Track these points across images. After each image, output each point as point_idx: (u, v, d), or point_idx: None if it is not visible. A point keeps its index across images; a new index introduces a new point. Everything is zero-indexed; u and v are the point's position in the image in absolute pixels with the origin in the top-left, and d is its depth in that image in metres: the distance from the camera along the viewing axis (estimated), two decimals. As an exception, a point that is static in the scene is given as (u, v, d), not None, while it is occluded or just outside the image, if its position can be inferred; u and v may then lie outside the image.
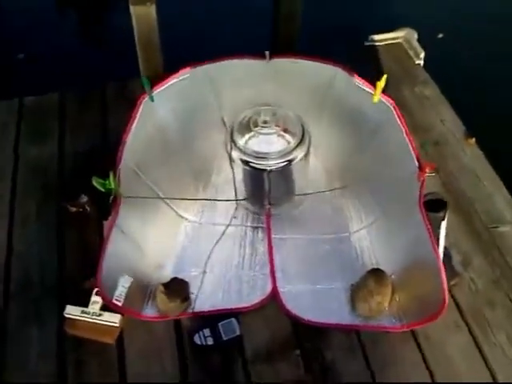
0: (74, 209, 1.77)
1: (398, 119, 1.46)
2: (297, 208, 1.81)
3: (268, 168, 1.63)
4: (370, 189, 1.66)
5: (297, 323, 1.54)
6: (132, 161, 1.50)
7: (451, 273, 1.58)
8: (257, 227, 1.77)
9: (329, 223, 1.77)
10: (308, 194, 1.78)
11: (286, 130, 1.63)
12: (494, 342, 1.51)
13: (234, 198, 1.74)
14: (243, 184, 1.73)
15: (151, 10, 2.01)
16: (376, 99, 1.48)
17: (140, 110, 1.49)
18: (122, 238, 1.45)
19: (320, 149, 1.76)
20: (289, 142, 1.63)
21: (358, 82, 1.50)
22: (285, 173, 1.68)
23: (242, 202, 1.77)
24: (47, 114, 2.14)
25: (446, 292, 1.33)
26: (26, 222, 1.79)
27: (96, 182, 1.33)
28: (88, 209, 1.75)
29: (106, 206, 1.38)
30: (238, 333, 1.53)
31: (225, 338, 1.51)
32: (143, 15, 2.02)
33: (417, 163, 1.41)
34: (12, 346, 1.53)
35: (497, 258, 1.68)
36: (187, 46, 2.77)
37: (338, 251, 1.71)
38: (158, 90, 1.52)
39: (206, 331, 1.53)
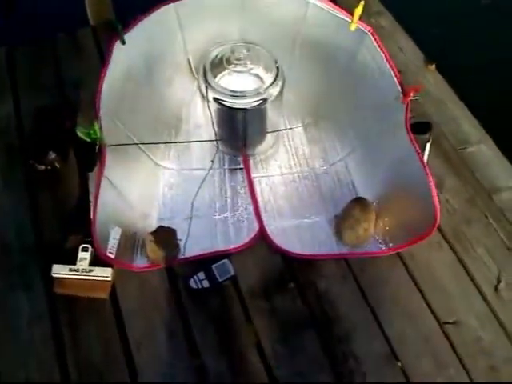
0: (42, 167, 1.70)
1: (377, 45, 1.46)
2: (273, 146, 1.81)
3: (243, 107, 1.60)
4: (347, 119, 1.68)
5: (287, 258, 1.57)
6: (108, 109, 1.44)
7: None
8: (235, 169, 1.77)
9: (305, 158, 1.78)
10: (282, 130, 1.77)
11: (259, 67, 1.60)
12: (475, 256, 1.59)
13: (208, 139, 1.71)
14: (217, 126, 1.70)
15: None
16: (353, 27, 1.48)
17: (112, 55, 1.42)
18: (110, 189, 1.41)
19: (294, 83, 1.74)
20: (263, 80, 1.61)
21: (334, 10, 1.49)
22: (259, 111, 1.66)
23: (218, 144, 1.75)
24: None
25: (439, 209, 1.38)
26: (-7, 187, 1.71)
27: (81, 133, 1.28)
28: (57, 166, 1.69)
29: (90, 157, 1.33)
30: (232, 273, 1.54)
31: (220, 279, 1.52)
32: None
33: (399, 88, 1.43)
34: (1, 315, 1.48)
35: (468, 178, 1.75)
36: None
37: (318, 185, 1.73)
38: (128, 33, 1.45)
39: (201, 275, 1.53)
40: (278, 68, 1.61)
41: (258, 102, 1.61)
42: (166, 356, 1.43)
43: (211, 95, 1.58)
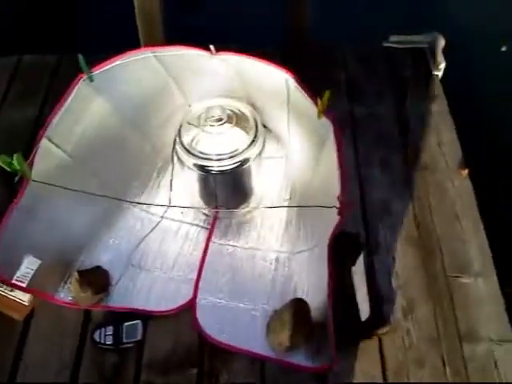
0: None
1: (334, 142, 1.29)
2: (246, 214, 1.69)
3: (214, 170, 1.51)
4: (315, 209, 1.51)
5: (204, 339, 1.46)
6: (65, 145, 1.44)
7: (381, 320, 1.44)
8: (203, 227, 1.68)
9: (275, 237, 1.64)
10: (254, 208, 1.67)
11: (237, 127, 1.50)
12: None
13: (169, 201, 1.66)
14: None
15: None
16: (320, 116, 1.32)
17: (75, 90, 1.41)
18: (28, 219, 1.41)
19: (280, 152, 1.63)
20: (240, 142, 1.51)
21: (304, 93, 1.34)
22: (234, 174, 1.56)
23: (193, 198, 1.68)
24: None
25: (334, 347, 1.20)
26: None
27: (2, 161, 1.28)
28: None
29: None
30: (138, 337, 1.46)
31: (124, 341, 1.46)
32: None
33: (339, 199, 1.24)
34: None
35: (445, 312, 1.49)
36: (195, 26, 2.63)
37: (275, 270, 1.58)
38: (100, 71, 1.43)
39: (109, 329, 1.47)
40: (257, 129, 1.51)
41: (231, 166, 1.51)
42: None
43: (182, 154, 1.51)
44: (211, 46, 1.38)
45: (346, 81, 2.05)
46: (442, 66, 2.02)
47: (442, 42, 2.06)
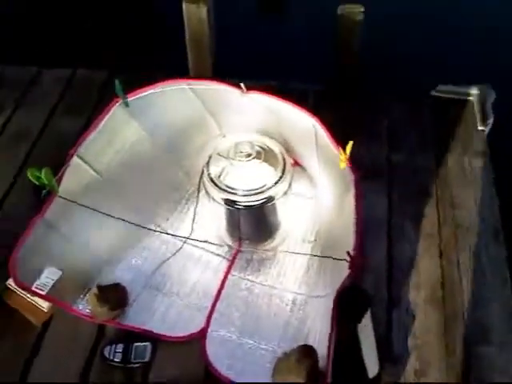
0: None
1: (354, 199, 1.28)
2: (268, 251, 1.69)
3: (239, 205, 1.53)
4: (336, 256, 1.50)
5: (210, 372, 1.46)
6: (96, 164, 1.49)
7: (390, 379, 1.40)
8: (224, 258, 1.69)
9: (294, 278, 1.64)
10: (276, 250, 1.68)
11: (266, 163, 1.52)
12: None
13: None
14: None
15: (202, 10, 1.96)
16: (342, 166, 1.32)
17: (111, 113, 1.46)
18: (52, 232, 1.46)
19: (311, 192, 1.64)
20: (267, 178, 1.52)
21: (328, 140, 1.34)
22: (260, 210, 1.58)
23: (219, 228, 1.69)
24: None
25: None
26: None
27: (31, 175, 1.34)
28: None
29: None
30: (146, 359, 1.48)
31: (132, 360, 1.48)
32: (194, 14, 1.98)
33: (350, 253, 1.23)
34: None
35: (460, 380, 1.44)
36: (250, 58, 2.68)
37: (290, 312, 1.57)
38: (137, 97, 1.47)
39: (119, 346, 1.50)
40: (285, 167, 1.52)
41: (257, 202, 1.52)
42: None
43: (209, 187, 1.53)
44: (241, 84, 1.41)
45: (388, 127, 2.03)
46: (490, 121, 1.98)
47: (492, 96, 2.02)
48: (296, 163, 1.71)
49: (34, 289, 1.47)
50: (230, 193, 1.51)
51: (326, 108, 2.00)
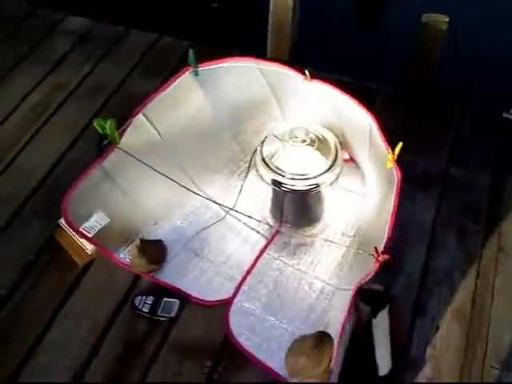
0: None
1: (394, 196, 1.30)
2: (308, 237, 1.73)
3: (285, 188, 1.57)
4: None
5: (228, 337, 1.53)
6: (158, 124, 1.57)
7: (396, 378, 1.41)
8: (263, 236, 1.74)
9: (326, 268, 1.66)
10: (315, 237, 1.71)
11: (318, 152, 1.55)
12: None
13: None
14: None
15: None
16: (389, 165, 1.33)
17: (180, 79, 1.53)
18: (106, 181, 1.55)
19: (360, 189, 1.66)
20: (316, 166, 1.55)
21: (381, 139, 1.36)
22: (304, 196, 1.62)
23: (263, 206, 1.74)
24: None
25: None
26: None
27: (97, 124, 1.43)
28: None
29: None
30: (172, 315, 1.56)
31: (159, 314, 1.56)
32: (281, 1, 2.02)
33: (381, 247, 1.25)
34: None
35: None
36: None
37: (316, 299, 1.61)
38: (206, 68, 1.54)
39: (149, 299, 1.59)
40: (336, 158, 1.55)
41: (303, 188, 1.56)
42: (76, 337, 1.53)
43: (259, 165, 1.59)
44: (306, 71, 1.44)
45: (453, 139, 2.01)
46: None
47: None
48: (351, 159, 1.74)
49: (81, 230, 1.56)
50: (279, 174, 1.55)
51: (392, 111, 2.03)
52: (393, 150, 1.33)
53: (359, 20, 3.31)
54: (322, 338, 1.45)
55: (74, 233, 1.63)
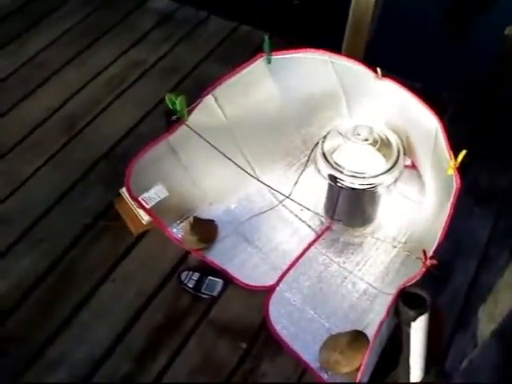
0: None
1: (450, 204, 1.28)
2: (359, 238, 1.73)
3: (342, 184, 1.58)
4: (417, 261, 1.50)
5: (266, 325, 1.55)
6: (225, 107, 1.61)
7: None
8: (313, 230, 1.76)
9: (372, 270, 1.66)
10: (366, 233, 1.70)
11: (379, 153, 1.55)
12: None
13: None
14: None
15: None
16: (450, 172, 1.31)
17: (253, 65, 1.57)
18: (170, 155, 1.61)
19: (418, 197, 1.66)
20: (376, 166, 1.55)
21: (444, 144, 1.34)
22: (359, 195, 1.62)
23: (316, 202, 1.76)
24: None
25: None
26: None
27: (168, 99, 1.48)
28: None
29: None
30: (215, 294, 1.60)
31: (203, 290, 1.61)
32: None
33: (430, 253, 1.24)
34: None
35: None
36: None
37: (358, 299, 1.61)
38: (280, 57, 1.57)
39: (195, 275, 1.63)
40: (397, 160, 1.54)
41: (359, 186, 1.56)
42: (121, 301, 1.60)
43: (319, 160, 1.59)
44: (378, 69, 1.44)
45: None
46: None
47: None
48: (413, 166, 1.72)
49: (140, 199, 1.63)
50: (337, 170, 1.55)
51: (463, 120, 1.99)
52: (456, 157, 1.31)
53: (447, 27, 3.24)
54: (358, 337, 1.47)
55: (132, 202, 1.70)
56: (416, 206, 1.74)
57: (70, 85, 2.18)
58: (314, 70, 1.60)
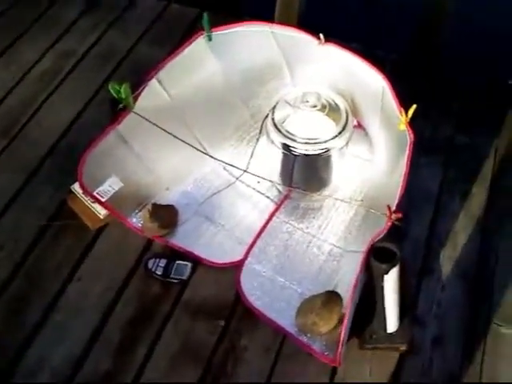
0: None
1: (407, 157, 1.33)
2: (315, 202, 1.76)
3: (296, 152, 1.60)
4: (378, 217, 1.55)
5: (240, 298, 1.57)
6: (171, 89, 1.59)
7: (403, 335, 1.45)
8: (272, 201, 1.77)
9: (334, 231, 1.70)
10: (324, 196, 1.73)
11: (328, 117, 1.57)
12: None
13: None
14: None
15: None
16: (402, 127, 1.36)
17: (194, 44, 1.55)
18: (120, 145, 1.58)
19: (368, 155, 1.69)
20: (327, 131, 1.58)
21: (393, 101, 1.38)
22: (314, 161, 1.64)
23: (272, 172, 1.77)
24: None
25: (341, 343, 1.29)
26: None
27: (111, 87, 1.45)
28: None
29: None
30: (184, 277, 1.60)
31: (172, 276, 1.60)
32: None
33: (392, 206, 1.29)
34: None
35: (474, 354, 1.48)
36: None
37: (324, 261, 1.65)
38: (219, 33, 1.56)
39: (162, 261, 1.62)
40: (346, 123, 1.57)
41: (313, 152, 1.59)
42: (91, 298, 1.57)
43: (270, 130, 1.61)
44: (321, 35, 1.45)
45: (459, 109, 2.04)
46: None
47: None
48: (359, 125, 1.76)
49: (95, 194, 1.60)
50: (289, 138, 1.58)
51: (398, 78, 2.04)
52: (406, 113, 1.35)
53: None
54: (331, 297, 1.51)
55: (86, 197, 1.67)
56: (367, 164, 1.79)
57: (2, 84, 2.09)
58: (255, 43, 1.60)
